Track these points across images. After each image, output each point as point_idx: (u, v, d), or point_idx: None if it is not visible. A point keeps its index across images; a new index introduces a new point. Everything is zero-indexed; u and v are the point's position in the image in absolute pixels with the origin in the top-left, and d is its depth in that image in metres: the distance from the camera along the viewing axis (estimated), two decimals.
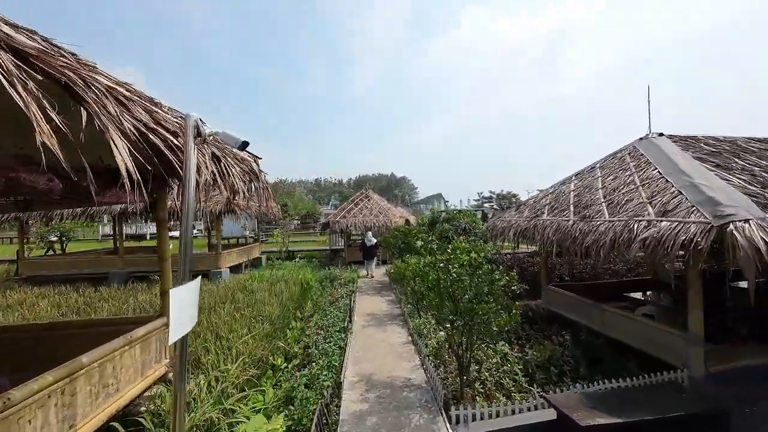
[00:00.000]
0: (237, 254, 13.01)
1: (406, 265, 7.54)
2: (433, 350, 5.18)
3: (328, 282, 11.07)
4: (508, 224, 7.30)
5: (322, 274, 11.99)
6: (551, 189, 7.47)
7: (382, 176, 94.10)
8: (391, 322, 6.92)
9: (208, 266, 11.42)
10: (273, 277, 10.20)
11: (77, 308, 7.54)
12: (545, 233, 5.86)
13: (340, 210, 14.90)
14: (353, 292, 8.83)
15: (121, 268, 11.34)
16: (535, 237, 6.21)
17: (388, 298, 8.80)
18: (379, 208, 15.00)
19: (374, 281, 11.08)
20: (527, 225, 6.60)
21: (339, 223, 14.04)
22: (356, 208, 14.95)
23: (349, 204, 15.34)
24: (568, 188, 6.71)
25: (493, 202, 65.72)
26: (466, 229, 10.46)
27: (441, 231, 10.51)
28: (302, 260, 16.02)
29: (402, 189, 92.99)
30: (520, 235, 6.65)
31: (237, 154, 3.73)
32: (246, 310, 6.51)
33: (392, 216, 14.59)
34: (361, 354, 5.30)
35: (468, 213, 11.22)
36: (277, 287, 8.63)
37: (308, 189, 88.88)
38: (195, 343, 4.84)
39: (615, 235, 4.39)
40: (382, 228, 14.42)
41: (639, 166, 5.49)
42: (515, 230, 6.87)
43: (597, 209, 5.21)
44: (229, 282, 9.64)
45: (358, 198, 15.75)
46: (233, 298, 7.63)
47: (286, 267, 13.90)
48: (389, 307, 8.02)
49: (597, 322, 5.91)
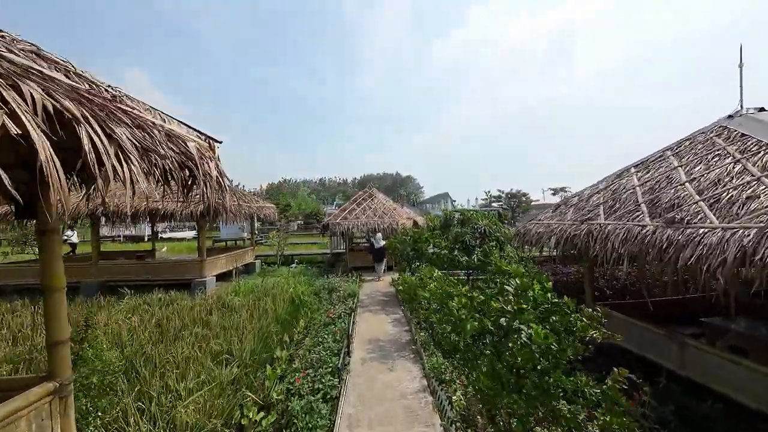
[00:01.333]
0: (226, 260, 11.66)
1: (418, 280, 6.06)
2: (461, 409, 3.70)
3: (325, 293, 9.66)
4: (547, 229, 5.79)
5: (319, 284, 10.58)
6: (601, 184, 5.94)
7: (387, 175, 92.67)
8: (400, 353, 5.45)
9: (191, 275, 10.09)
10: (262, 289, 8.81)
11: None
12: (608, 243, 4.34)
13: (341, 210, 13.49)
14: (353, 311, 7.38)
15: (95, 277, 10.08)
16: (590, 247, 4.69)
17: (395, 317, 7.35)
18: (383, 209, 13.53)
19: (379, 293, 9.63)
20: (575, 231, 5.08)
21: (340, 225, 12.62)
22: (359, 208, 13.51)
23: (350, 204, 13.91)
24: (629, 182, 5.18)
25: (502, 201, 63.92)
26: (486, 233, 8.94)
27: (456, 235, 9.00)
28: (300, 265, 14.65)
29: (407, 188, 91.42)
30: (567, 244, 5.13)
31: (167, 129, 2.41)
32: (214, 341, 5.10)
33: (398, 217, 13.12)
34: (359, 411, 3.85)
35: (486, 214, 9.67)
36: (263, 303, 7.23)
37: (312, 189, 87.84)
38: (122, 401, 3.43)
39: (745, 250, 2.87)
40: (388, 230, 12.97)
41: (748, 150, 3.93)
42: (559, 237, 5.36)
43: (692, 211, 3.68)
44: (211, 295, 8.29)
45: (361, 197, 14.30)
46: (205, 321, 6.25)
47: (281, 274, 12.53)
48: (396, 329, 6.56)
49: (674, 360, 4.38)
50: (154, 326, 5.97)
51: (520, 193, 62.92)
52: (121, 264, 10.54)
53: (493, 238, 9.03)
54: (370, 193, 14.55)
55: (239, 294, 8.32)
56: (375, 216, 13.03)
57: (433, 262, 8.70)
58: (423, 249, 8.32)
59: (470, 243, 8.75)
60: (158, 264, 10.32)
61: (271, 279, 11.71)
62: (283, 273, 12.83)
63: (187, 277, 10.06)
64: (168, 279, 10.13)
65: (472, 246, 8.76)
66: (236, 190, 12.45)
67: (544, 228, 5.88)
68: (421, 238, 8.66)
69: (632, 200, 4.66)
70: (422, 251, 8.31)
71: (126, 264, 10.60)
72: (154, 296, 8.13)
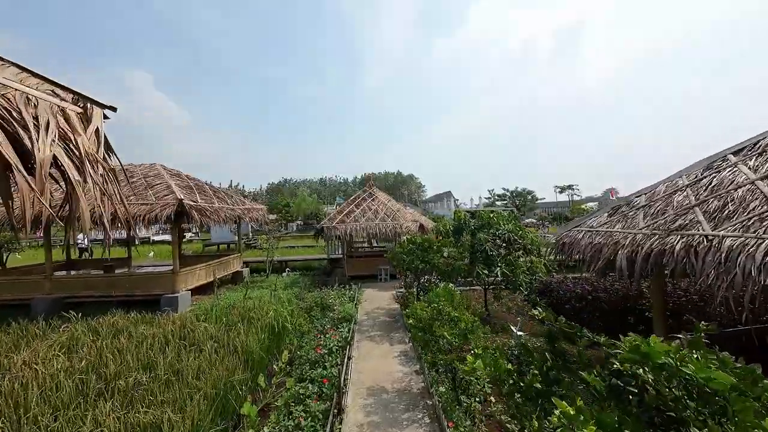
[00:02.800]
0: (206, 271, 10.18)
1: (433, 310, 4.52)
2: None
3: (318, 311, 8.16)
4: (608, 240, 4.25)
5: (312, 298, 9.08)
6: (682, 179, 4.38)
7: (389, 174, 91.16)
8: (412, 413, 3.93)
9: (161, 289, 8.60)
10: (242, 308, 7.31)
11: None
12: (731, 264, 2.81)
13: (338, 213, 11.97)
14: (348, 343, 5.85)
15: (48, 293, 8.61)
16: (693, 266, 3.16)
17: (401, 349, 5.83)
18: (386, 210, 12.01)
19: (381, 311, 8.11)
20: (660, 245, 3.54)
21: (336, 229, 11.10)
22: (358, 210, 11.99)
23: (348, 205, 12.39)
24: (737, 175, 3.64)
25: (507, 200, 62.13)
26: (510, 241, 7.40)
27: (474, 243, 7.48)
28: (293, 274, 13.15)
29: (409, 187, 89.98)
30: (652, 262, 3.57)
31: None
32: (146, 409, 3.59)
33: (402, 219, 11.60)
34: None
35: (507, 216, 8.11)
36: (233, 334, 5.73)
37: (313, 189, 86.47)
38: None
39: None
40: (390, 234, 11.47)
41: None
42: (632, 251, 3.81)
43: None
44: (177, 318, 6.79)
45: (360, 198, 12.77)
46: (154, 362, 4.75)
47: (271, 285, 11.04)
48: (405, 369, 5.04)
49: None
50: (83, 370, 4.49)
51: (525, 192, 61.33)
52: (78, 278, 9.07)
53: (519, 247, 7.50)
54: (370, 192, 13.03)
55: (211, 317, 6.81)
56: (376, 219, 11.51)
57: (448, 274, 7.18)
58: (434, 260, 6.80)
59: (491, 252, 7.22)
60: (123, 277, 8.86)
61: (258, 291, 10.24)
62: (272, 283, 11.35)
63: (156, 292, 8.58)
64: (134, 295, 8.66)
65: (493, 256, 7.24)
66: (217, 190, 10.97)
67: (603, 238, 4.38)
68: (432, 247, 7.14)
69: (756, 200, 3.16)
70: (434, 263, 6.79)
71: (85, 278, 9.13)
72: (106, 320, 6.64)
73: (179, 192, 8.31)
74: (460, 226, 8.50)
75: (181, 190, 8.69)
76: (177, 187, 8.70)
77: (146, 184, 8.69)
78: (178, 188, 8.73)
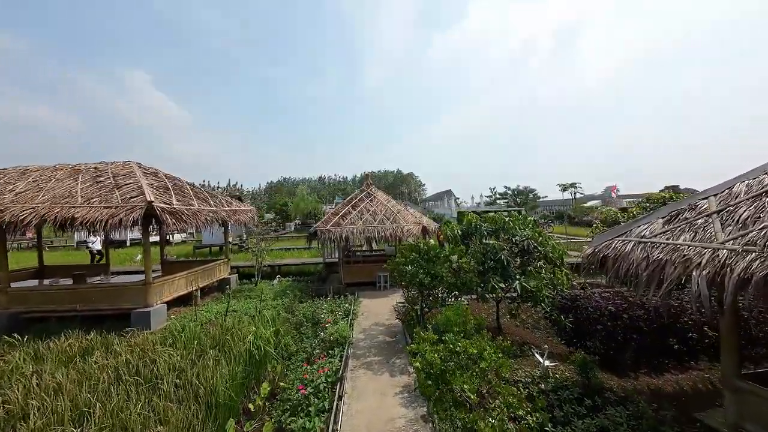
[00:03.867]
0: (186, 280, 9.18)
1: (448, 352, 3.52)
2: None
3: (308, 326, 7.18)
4: (674, 257, 3.25)
5: (302, 312, 8.10)
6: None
7: (388, 173, 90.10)
8: None
9: (132, 303, 7.61)
10: (219, 329, 6.31)
11: None
12: None
13: (333, 215, 10.96)
14: (340, 379, 4.85)
15: (6, 308, 7.62)
16: None
17: (404, 382, 4.84)
18: (385, 212, 11.00)
19: (381, 327, 7.13)
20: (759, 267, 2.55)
21: (331, 232, 10.10)
22: (355, 211, 10.98)
23: (344, 206, 11.37)
24: None
25: (508, 198, 61.06)
26: (529, 249, 6.41)
27: (486, 250, 6.48)
28: (285, 280, 12.16)
29: (409, 186, 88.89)
30: (753, 290, 2.58)
31: None
32: None
33: (403, 222, 10.60)
34: None
35: (522, 220, 7.13)
36: (203, 364, 4.74)
37: (312, 187, 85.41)
38: None
39: None
40: (390, 238, 10.48)
41: None
42: (715, 273, 2.82)
43: None
44: (139, 344, 5.78)
45: (358, 198, 11.75)
46: (89, 409, 3.76)
47: (259, 294, 10.06)
48: (409, 415, 4.04)
49: None
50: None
51: (527, 190, 60.26)
52: (37, 290, 8.06)
53: (539, 255, 6.50)
54: (368, 192, 12.01)
55: (182, 338, 5.82)
56: (374, 221, 10.51)
57: (457, 288, 6.19)
58: (442, 273, 5.80)
59: (507, 262, 6.23)
60: (87, 290, 7.84)
61: (244, 302, 9.26)
62: (261, 292, 10.36)
63: (126, 306, 7.59)
64: (102, 310, 7.68)
65: (509, 266, 6.24)
66: (201, 190, 9.96)
67: (666, 253, 3.38)
68: (438, 257, 6.14)
69: None
70: (441, 276, 5.79)
71: (44, 290, 8.13)
72: (58, 344, 5.65)
73: (150, 193, 7.31)
74: (469, 231, 7.50)
75: (154, 191, 7.68)
76: (149, 188, 7.69)
77: (114, 185, 7.69)
78: (151, 189, 7.72)
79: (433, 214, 47.73)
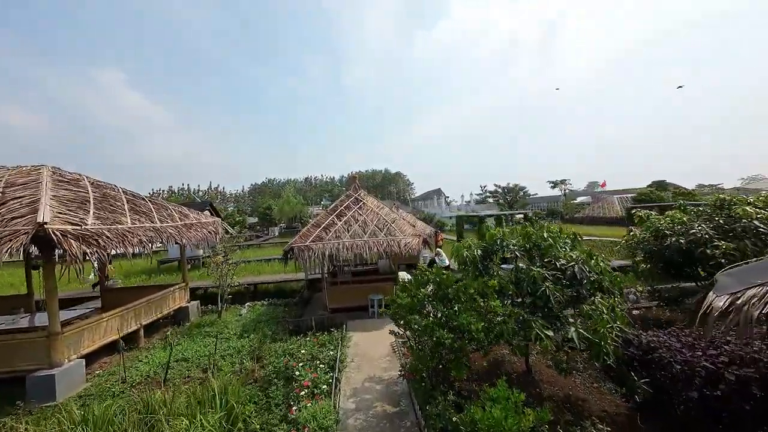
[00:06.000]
0: (122, 319, 7.04)
1: None
2: None
3: (278, 384, 5.24)
4: None
5: (274, 362, 6.13)
6: None
7: (376, 172, 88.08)
8: None
9: (29, 361, 5.47)
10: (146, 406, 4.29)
11: None
12: None
13: (314, 227, 8.98)
14: None
15: None
16: None
17: None
18: (377, 221, 9.11)
19: (377, 388, 5.24)
20: None
21: (311, 250, 8.13)
22: (340, 222, 9.04)
23: (328, 216, 9.40)
24: None
25: (498, 196, 60.20)
26: (579, 278, 4.65)
27: (518, 278, 4.70)
28: (257, 305, 10.10)
29: (398, 185, 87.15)
30: None
31: None
32: None
33: (400, 233, 8.73)
34: None
35: (564, 237, 5.38)
36: None
37: (298, 189, 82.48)
38: None
39: None
40: (384, 255, 8.60)
41: None
42: None
43: None
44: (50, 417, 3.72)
45: (344, 205, 9.78)
46: None
47: (223, 329, 8.02)
48: None
49: None
50: None
51: (517, 187, 59.58)
52: None
53: (593, 287, 4.75)
54: (356, 197, 10.07)
55: (90, 423, 3.80)
56: (365, 234, 8.60)
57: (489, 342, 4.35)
58: (470, 326, 3.93)
59: (551, 295, 4.46)
60: None
61: (199, 344, 7.22)
62: (225, 326, 8.31)
63: (23, 367, 5.45)
64: None
65: (553, 301, 4.48)
66: (140, 201, 7.79)
67: None
68: (460, 295, 4.29)
69: None
70: (468, 330, 3.93)
71: None
72: None
73: (48, 211, 5.19)
74: (490, 248, 5.71)
75: (60, 207, 5.55)
76: (53, 203, 5.56)
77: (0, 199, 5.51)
78: (56, 204, 5.59)
79: (423, 214, 46.07)
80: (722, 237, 6.58)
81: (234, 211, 58.19)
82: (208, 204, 20.61)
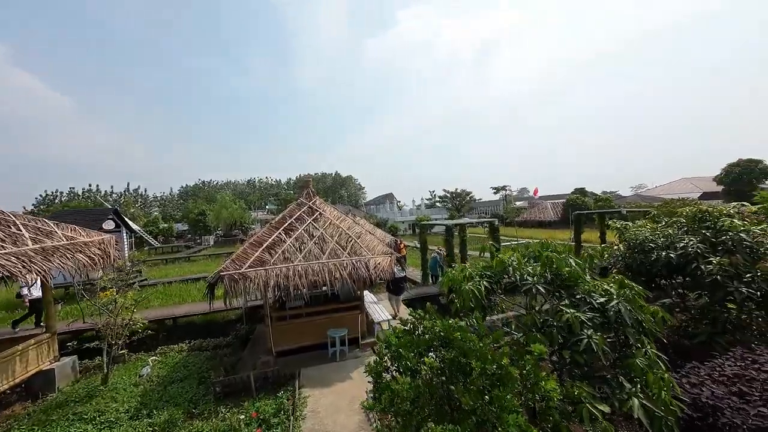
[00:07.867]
0: None
1: None
2: None
3: None
4: None
5: None
6: None
7: (327, 175, 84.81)
8: None
9: None
10: None
11: None
12: None
13: (253, 246, 6.78)
14: None
15: None
16: None
17: None
18: (339, 236, 7.25)
19: None
20: None
21: (248, 279, 5.94)
22: (290, 238, 6.98)
23: (272, 230, 7.24)
24: None
25: (447, 201, 62.06)
26: (617, 321, 3.49)
27: (551, 323, 3.39)
28: (176, 349, 7.41)
29: (348, 189, 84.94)
30: None
31: None
32: None
33: (366, 251, 6.99)
34: None
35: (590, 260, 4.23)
36: None
37: (239, 192, 74.99)
38: None
39: None
40: (350, 278, 6.74)
41: None
42: None
43: None
44: None
45: (295, 216, 7.70)
46: None
47: (99, 414, 5.37)
48: None
49: None
50: None
51: (464, 193, 62.11)
52: None
53: (636, 331, 3.62)
54: (311, 206, 8.05)
55: None
56: (323, 254, 6.68)
57: None
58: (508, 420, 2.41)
59: (599, 350, 3.19)
60: None
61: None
62: (112, 400, 5.62)
63: None
64: None
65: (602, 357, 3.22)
66: None
67: None
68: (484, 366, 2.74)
69: None
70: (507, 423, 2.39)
71: None
72: None
73: None
74: (495, 280, 4.32)
75: None
76: None
77: None
78: None
79: (376, 219, 44.81)
80: (711, 251, 6.29)
81: (158, 217, 50.04)
82: (111, 212, 16.22)
